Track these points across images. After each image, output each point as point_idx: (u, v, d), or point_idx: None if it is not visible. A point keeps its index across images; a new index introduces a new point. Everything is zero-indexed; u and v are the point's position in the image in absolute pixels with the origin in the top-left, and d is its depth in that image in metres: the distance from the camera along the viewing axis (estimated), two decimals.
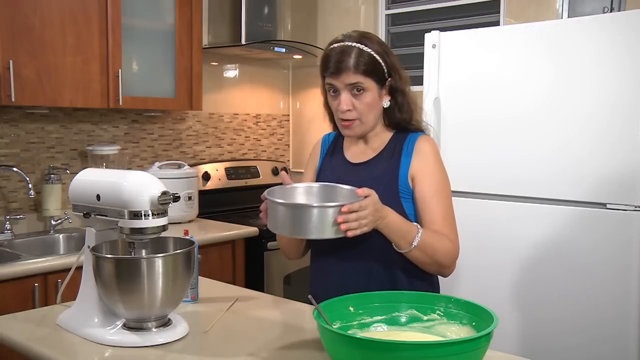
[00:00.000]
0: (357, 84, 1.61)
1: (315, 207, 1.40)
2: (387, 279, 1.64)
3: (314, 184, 1.62)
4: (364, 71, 1.61)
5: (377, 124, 1.70)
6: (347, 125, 1.66)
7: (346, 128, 1.67)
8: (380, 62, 1.64)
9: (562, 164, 2.25)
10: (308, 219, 1.38)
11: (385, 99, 1.68)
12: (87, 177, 1.60)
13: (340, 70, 1.61)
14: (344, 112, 1.63)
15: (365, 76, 1.61)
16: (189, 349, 1.44)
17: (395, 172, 1.65)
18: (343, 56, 1.61)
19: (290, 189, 1.57)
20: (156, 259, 1.44)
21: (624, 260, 2.12)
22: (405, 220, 1.55)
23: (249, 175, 3.75)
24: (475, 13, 3.26)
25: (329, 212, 1.38)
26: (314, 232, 1.39)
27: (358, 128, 1.66)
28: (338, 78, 1.62)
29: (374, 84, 1.63)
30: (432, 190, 1.64)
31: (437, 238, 1.59)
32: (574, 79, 2.22)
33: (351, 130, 1.67)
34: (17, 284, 2.27)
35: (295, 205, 1.44)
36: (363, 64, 1.61)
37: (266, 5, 3.53)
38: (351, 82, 1.61)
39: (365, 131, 1.69)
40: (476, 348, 1.14)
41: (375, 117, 1.68)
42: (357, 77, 1.61)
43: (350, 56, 1.61)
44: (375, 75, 1.63)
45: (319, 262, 1.76)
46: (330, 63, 1.63)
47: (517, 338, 2.34)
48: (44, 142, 2.95)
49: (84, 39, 2.72)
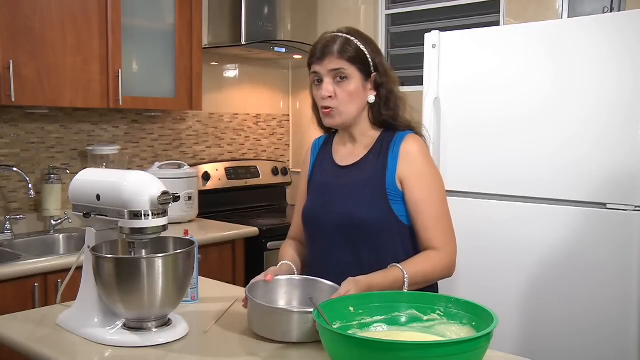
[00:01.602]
0: (340, 70, 1.61)
1: (295, 312, 1.44)
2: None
3: (296, 277, 1.64)
4: (349, 58, 1.61)
5: (360, 119, 1.69)
6: (327, 112, 1.64)
7: (326, 116, 1.66)
8: (367, 54, 1.64)
9: (562, 164, 2.25)
10: (287, 323, 1.41)
11: (370, 94, 1.67)
12: (87, 177, 1.60)
13: (324, 54, 1.61)
14: (325, 99, 1.62)
15: (350, 63, 1.61)
16: (189, 349, 1.44)
17: (382, 175, 1.63)
18: (329, 42, 1.63)
19: (272, 283, 1.59)
20: (156, 259, 1.44)
21: (624, 260, 2.12)
22: (387, 275, 1.53)
23: (249, 175, 3.75)
24: (475, 13, 3.26)
25: (309, 317, 1.39)
26: (294, 336, 1.41)
27: (338, 117, 1.65)
28: (322, 63, 1.62)
29: (358, 73, 1.63)
30: (423, 194, 1.62)
31: (425, 264, 1.58)
32: (574, 79, 2.22)
33: (331, 118, 1.65)
34: (17, 284, 2.27)
35: (275, 310, 1.48)
36: (348, 51, 1.61)
37: (266, 5, 3.53)
38: (334, 67, 1.60)
39: (346, 121, 1.67)
40: (476, 348, 1.14)
41: (357, 109, 1.66)
42: (341, 62, 1.60)
43: (336, 43, 1.62)
44: (360, 64, 1.63)
45: (313, 262, 1.77)
46: (317, 50, 1.63)
47: (517, 338, 2.34)
48: (44, 142, 2.95)
49: (84, 39, 2.72)
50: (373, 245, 1.63)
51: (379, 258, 1.62)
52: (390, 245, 1.64)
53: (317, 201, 1.74)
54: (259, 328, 1.46)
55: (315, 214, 1.73)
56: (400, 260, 1.59)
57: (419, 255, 1.61)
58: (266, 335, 1.44)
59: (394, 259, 1.60)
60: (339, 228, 1.66)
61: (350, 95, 1.63)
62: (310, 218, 1.75)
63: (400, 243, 1.65)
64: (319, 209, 1.72)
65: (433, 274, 1.60)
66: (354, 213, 1.63)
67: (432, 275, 1.60)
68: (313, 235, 1.75)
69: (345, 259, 1.66)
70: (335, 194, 1.69)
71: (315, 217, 1.73)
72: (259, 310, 1.46)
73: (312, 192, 1.78)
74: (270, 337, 1.43)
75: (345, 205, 1.65)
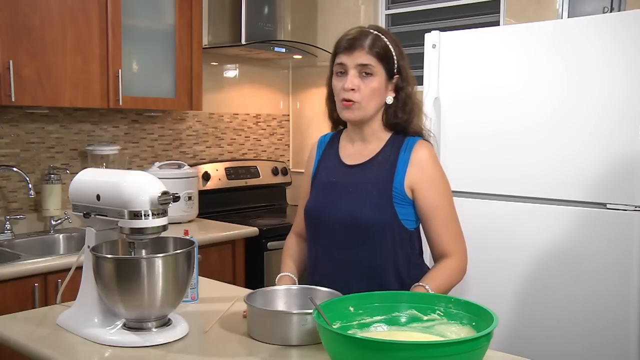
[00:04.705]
0: (367, 66, 1.61)
1: (294, 314, 1.45)
2: (376, 277, 1.65)
3: (294, 287, 1.64)
4: (377, 54, 1.61)
5: (375, 118, 1.69)
6: (348, 105, 1.64)
7: (346, 109, 1.65)
8: (394, 54, 1.64)
9: (562, 164, 2.25)
10: (286, 325, 1.42)
11: (389, 95, 1.67)
12: (87, 177, 1.60)
13: (354, 47, 1.61)
14: (348, 91, 1.62)
15: (378, 60, 1.61)
16: (189, 349, 1.44)
17: (390, 179, 1.64)
18: (360, 35, 1.62)
19: (270, 292, 1.61)
20: (156, 259, 1.44)
21: (624, 260, 2.12)
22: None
23: (249, 175, 3.75)
24: (475, 13, 3.26)
25: (308, 319, 1.40)
26: (294, 339, 1.41)
27: (357, 112, 1.65)
28: (351, 55, 1.61)
29: (383, 71, 1.63)
30: (436, 199, 1.65)
31: (443, 275, 1.62)
32: (574, 79, 2.21)
33: (350, 111, 1.65)
34: (17, 284, 2.27)
35: (273, 313, 1.49)
36: (378, 47, 1.61)
37: (266, 5, 3.53)
38: (363, 62, 1.60)
39: (364, 117, 1.67)
40: (476, 348, 1.14)
41: (376, 107, 1.67)
42: (370, 58, 1.61)
43: (367, 37, 1.62)
44: (386, 63, 1.63)
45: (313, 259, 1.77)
46: (344, 42, 1.63)
47: (517, 338, 2.34)
48: (44, 142, 2.95)
49: (84, 39, 2.72)
50: (373, 246, 1.63)
51: (377, 259, 1.64)
52: (390, 248, 1.65)
53: (321, 199, 1.74)
54: (258, 333, 1.46)
55: (318, 211, 1.73)
56: (398, 263, 1.62)
57: (436, 269, 1.64)
58: (266, 340, 1.44)
59: (392, 261, 1.62)
60: (342, 227, 1.66)
61: (373, 92, 1.63)
62: (313, 215, 1.75)
63: (399, 246, 1.66)
64: (322, 206, 1.72)
65: (452, 283, 1.65)
66: (358, 213, 1.64)
67: (452, 284, 1.65)
68: (314, 233, 1.75)
69: (344, 258, 1.66)
70: (340, 192, 1.69)
71: (318, 215, 1.72)
72: (258, 315, 1.46)
73: (316, 189, 1.77)
74: (270, 342, 1.43)
75: (350, 205, 1.66)
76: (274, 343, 1.43)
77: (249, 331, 1.49)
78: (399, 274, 1.65)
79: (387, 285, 1.62)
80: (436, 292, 1.56)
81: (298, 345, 1.41)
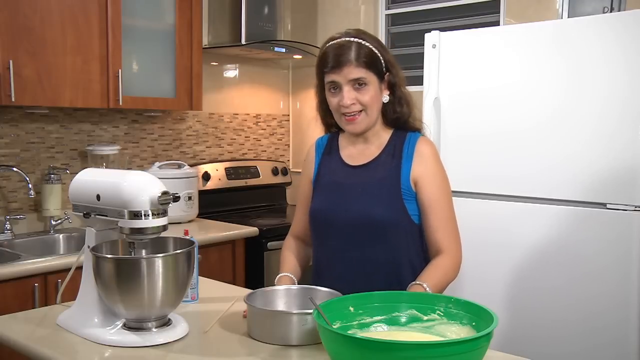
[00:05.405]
0: (360, 79, 1.61)
1: (294, 313, 1.45)
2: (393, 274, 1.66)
3: (293, 287, 1.64)
4: (365, 64, 1.61)
5: (377, 120, 1.70)
6: (351, 119, 1.64)
7: (350, 123, 1.65)
8: (379, 56, 1.64)
9: (562, 163, 2.25)
10: (286, 325, 1.42)
11: (384, 94, 1.68)
12: (87, 177, 1.60)
13: (341, 63, 1.60)
14: (348, 107, 1.62)
15: (367, 69, 1.61)
16: (189, 349, 1.44)
17: (397, 175, 1.65)
18: (343, 50, 1.61)
19: (270, 292, 1.60)
20: (156, 259, 1.44)
21: (624, 260, 2.12)
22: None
23: (249, 175, 3.75)
24: (475, 13, 3.26)
25: (308, 318, 1.40)
26: (294, 339, 1.41)
27: (363, 122, 1.65)
28: (340, 72, 1.61)
29: (375, 77, 1.63)
30: (436, 194, 1.66)
31: (438, 273, 1.62)
32: (574, 79, 2.21)
33: (355, 125, 1.66)
34: (17, 284, 2.26)
35: (273, 313, 1.49)
36: (364, 56, 1.61)
37: (266, 5, 3.53)
38: (354, 76, 1.60)
39: (369, 125, 1.68)
40: (476, 348, 1.14)
41: (377, 112, 1.68)
42: (360, 70, 1.60)
43: (350, 49, 1.61)
44: (376, 68, 1.63)
45: (323, 261, 1.77)
46: (329, 58, 1.62)
47: (517, 338, 2.34)
48: (44, 142, 2.95)
49: (84, 39, 2.72)
50: (388, 243, 1.64)
51: (392, 255, 1.65)
52: (403, 244, 1.66)
53: (328, 201, 1.73)
54: (258, 333, 1.46)
55: (327, 213, 1.72)
56: (412, 258, 1.64)
57: (431, 267, 1.64)
58: (266, 340, 1.44)
59: (406, 256, 1.63)
60: (354, 227, 1.66)
61: (372, 99, 1.64)
62: (321, 218, 1.74)
63: (412, 241, 1.68)
64: (331, 207, 1.71)
65: (448, 280, 1.65)
66: (371, 212, 1.64)
67: (447, 282, 1.65)
68: (323, 235, 1.75)
69: (358, 257, 1.66)
70: (348, 193, 1.69)
71: (327, 217, 1.72)
72: (258, 315, 1.46)
73: (322, 191, 1.77)
74: (270, 342, 1.43)
75: (361, 204, 1.66)
76: (274, 343, 1.43)
77: (249, 331, 1.49)
78: (414, 268, 1.66)
79: (405, 280, 1.63)
80: (433, 290, 1.56)
81: (298, 345, 1.41)
